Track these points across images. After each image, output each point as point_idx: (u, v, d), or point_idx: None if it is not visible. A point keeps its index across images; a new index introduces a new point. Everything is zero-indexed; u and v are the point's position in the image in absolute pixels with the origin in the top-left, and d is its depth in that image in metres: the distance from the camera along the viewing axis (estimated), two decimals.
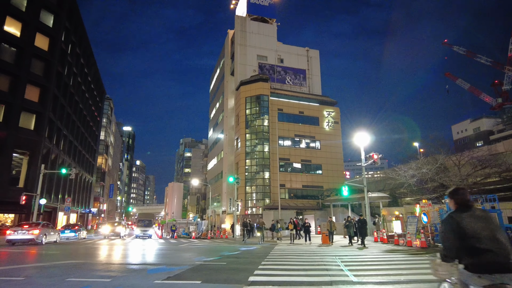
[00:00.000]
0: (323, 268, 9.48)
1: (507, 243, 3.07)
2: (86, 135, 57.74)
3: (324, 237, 20.44)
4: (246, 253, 14.23)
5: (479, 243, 3.03)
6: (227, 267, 9.67)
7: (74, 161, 50.61)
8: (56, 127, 40.45)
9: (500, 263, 2.96)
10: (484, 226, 3.11)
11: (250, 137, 45.61)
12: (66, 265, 9.88)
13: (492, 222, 3.19)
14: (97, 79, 64.61)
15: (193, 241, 26.21)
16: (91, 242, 23.32)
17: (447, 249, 3.31)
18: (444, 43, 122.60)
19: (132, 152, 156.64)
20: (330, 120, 49.05)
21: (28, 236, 18.94)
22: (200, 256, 12.77)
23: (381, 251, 14.91)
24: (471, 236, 3.07)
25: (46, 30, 38.07)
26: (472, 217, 3.18)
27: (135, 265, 10.28)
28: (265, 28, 53.74)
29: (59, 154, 42.16)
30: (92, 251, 15.44)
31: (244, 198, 43.46)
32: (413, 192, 27.99)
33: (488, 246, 3.00)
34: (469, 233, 3.09)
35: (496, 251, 2.98)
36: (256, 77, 47.35)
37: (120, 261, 11.42)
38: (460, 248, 3.14)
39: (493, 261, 2.96)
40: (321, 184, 45.87)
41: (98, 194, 78.60)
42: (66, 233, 28.27)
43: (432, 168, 25.49)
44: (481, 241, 3.04)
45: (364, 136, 24.28)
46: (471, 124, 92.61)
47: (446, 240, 3.30)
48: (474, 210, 3.26)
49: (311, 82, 53.75)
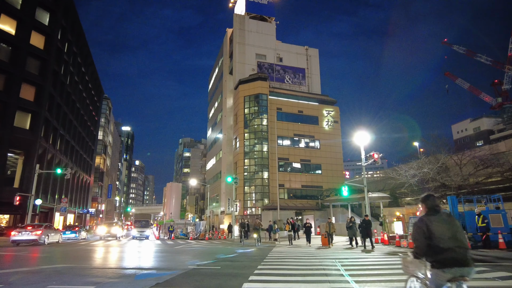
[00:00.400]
0: (322, 273, 8.99)
1: (466, 242, 3.70)
2: (84, 135, 57.22)
3: (323, 239, 19.56)
4: (242, 256, 13.75)
5: (443, 242, 3.60)
6: (221, 272, 9.19)
7: (71, 161, 50.10)
8: (53, 127, 39.95)
9: (459, 259, 3.55)
10: (448, 228, 3.69)
11: (249, 136, 45.12)
12: (52, 269, 9.40)
13: (455, 224, 3.78)
14: (94, 78, 64.08)
15: (190, 242, 25.71)
16: (85, 244, 22.83)
17: (418, 247, 3.85)
18: (444, 42, 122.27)
19: (131, 152, 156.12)
20: (329, 119, 48.57)
21: (31, 237, 20.07)
22: (194, 259, 12.28)
23: (383, 253, 14.40)
24: (437, 237, 3.64)
25: (41, 28, 37.58)
26: (439, 220, 3.76)
27: (124, 269, 9.80)
28: (264, 26, 53.26)
29: (56, 154, 41.65)
30: (84, 254, 14.95)
31: (242, 198, 42.97)
32: (414, 192, 27.51)
33: (450, 245, 3.58)
34: (436, 234, 3.65)
35: (456, 250, 3.57)
36: (255, 76, 46.87)
37: (109, 265, 10.92)
38: (427, 246, 3.69)
39: (453, 258, 3.54)
40: (320, 184, 45.40)
41: (96, 194, 78.11)
42: (67, 234, 29.48)
43: (433, 168, 25.02)
44: (444, 241, 3.60)
45: (364, 135, 23.77)
46: (471, 123, 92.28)
47: (416, 240, 3.85)
48: (441, 214, 3.84)
49: (310, 81, 53.27)
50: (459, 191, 25.57)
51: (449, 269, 3.53)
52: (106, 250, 16.92)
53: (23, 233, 20.11)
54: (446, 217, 3.83)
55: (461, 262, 3.56)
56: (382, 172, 60.28)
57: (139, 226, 31.06)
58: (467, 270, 3.56)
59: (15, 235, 20.14)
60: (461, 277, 3.54)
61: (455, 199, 16.72)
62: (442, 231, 3.66)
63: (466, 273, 3.56)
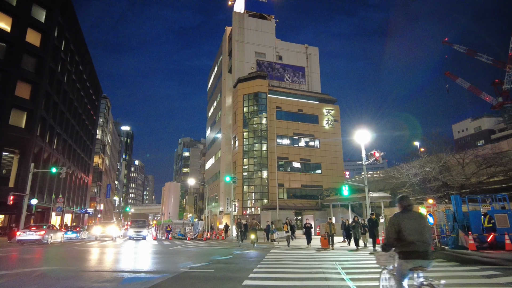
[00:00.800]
0: (322, 277, 8.46)
1: (429, 238, 4.21)
2: (82, 134, 56.68)
3: (322, 240, 18.53)
4: (238, 258, 13.20)
5: (409, 237, 4.12)
6: (214, 275, 8.65)
7: (69, 160, 49.56)
8: (49, 125, 39.41)
9: (421, 252, 4.06)
10: (416, 225, 4.20)
11: (247, 135, 44.57)
12: (34, 272, 8.87)
13: (422, 222, 4.32)
14: (93, 77, 63.54)
15: (187, 243, 25.19)
16: (80, 244, 22.30)
17: (387, 239, 4.43)
18: (445, 42, 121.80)
19: (130, 152, 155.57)
20: (329, 118, 48.03)
21: (35, 237, 21.58)
22: (187, 261, 11.75)
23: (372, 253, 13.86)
24: (405, 232, 4.16)
25: (37, 25, 37.05)
26: (409, 218, 4.29)
27: (111, 272, 9.26)
28: (263, 24, 52.70)
29: (52, 153, 41.12)
30: (73, 255, 14.40)
31: (241, 198, 42.44)
32: (416, 192, 26.94)
33: (414, 240, 4.09)
34: (404, 229, 4.18)
35: (419, 244, 4.08)
36: (254, 74, 46.32)
37: (97, 267, 10.38)
38: (396, 239, 4.28)
39: (415, 250, 4.07)
40: (320, 183, 44.86)
41: (95, 194, 77.53)
42: (69, 234, 31.34)
43: (435, 167, 24.46)
44: (410, 236, 4.13)
45: (364, 134, 23.25)
46: (472, 123, 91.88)
47: (388, 233, 4.42)
48: (412, 213, 4.39)
49: (310, 79, 52.73)
50: (462, 190, 25.05)
51: (411, 260, 4.17)
52: (98, 252, 16.38)
53: (27, 233, 21.59)
54: (416, 216, 4.42)
55: (422, 255, 4.14)
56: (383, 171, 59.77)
57: (136, 226, 30.07)
58: (427, 262, 4.17)
59: (20, 235, 21.64)
60: (421, 267, 4.17)
61: (459, 198, 16.15)
62: (410, 227, 4.23)
63: (426, 264, 4.16)
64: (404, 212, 4.43)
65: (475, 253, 12.64)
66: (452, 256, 12.35)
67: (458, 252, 13.15)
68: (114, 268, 10.10)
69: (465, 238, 14.12)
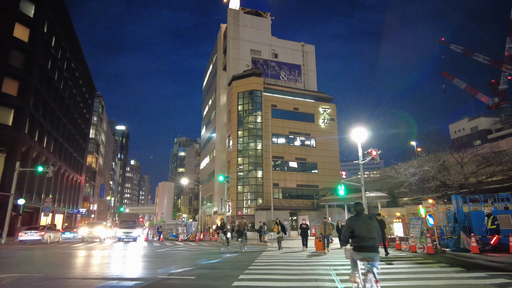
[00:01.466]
0: (314, 285, 7.62)
1: (376, 236, 5.38)
2: (74, 133, 55.53)
3: (317, 242, 16.64)
4: (226, 262, 12.31)
5: (360, 234, 5.36)
6: (193, 284, 7.77)
7: (60, 160, 48.46)
8: (38, 123, 38.36)
9: (369, 246, 5.29)
10: (365, 226, 5.40)
11: (242, 134, 43.69)
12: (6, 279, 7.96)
13: (370, 223, 5.46)
14: (86, 75, 62.40)
15: (177, 244, 24.30)
16: (65, 246, 21.31)
17: (344, 237, 5.67)
18: (442, 41, 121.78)
19: (126, 152, 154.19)
20: (326, 117, 47.25)
21: (35, 237, 23.41)
22: (170, 266, 10.86)
23: (383, 258, 12.97)
24: (357, 231, 5.39)
25: (26, 20, 36.00)
26: (360, 220, 5.50)
27: (82, 279, 8.36)
28: (259, 21, 51.86)
29: (42, 151, 40.05)
30: (50, 259, 13.46)
31: (235, 198, 41.56)
32: (414, 192, 26.22)
33: (364, 236, 5.33)
34: (356, 229, 5.41)
35: (368, 240, 5.31)
36: (249, 72, 45.44)
37: (68, 274, 9.46)
38: (351, 237, 5.50)
39: (365, 245, 5.31)
40: (316, 183, 44.07)
41: (88, 194, 76.29)
42: (67, 234, 33.01)
43: (434, 166, 23.73)
44: (361, 234, 5.35)
45: (361, 132, 22.49)
46: (469, 123, 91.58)
47: (345, 232, 5.63)
48: (363, 216, 5.59)
49: (306, 78, 51.94)
50: (460, 190, 24.36)
51: (361, 252, 5.26)
52: (77, 255, 15.42)
53: (28, 234, 23.55)
54: (366, 219, 5.53)
55: (369, 249, 5.25)
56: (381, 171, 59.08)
57: (125, 227, 28.50)
58: (373, 254, 5.22)
59: (22, 235, 23.57)
60: (369, 258, 5.18)
61: (460, 198, 15.40)
62: (361, 227, 5.35)
63: (372, 256, 5.20)
64: (357, 216, 5.61)
65: (479, 257, 11.87)
66: (455, 260, 11.56)
67: (461, 256, 12.37)
68: (86, 274, 9.19)
69: (467, 240, 13.36)
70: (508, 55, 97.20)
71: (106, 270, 10.02)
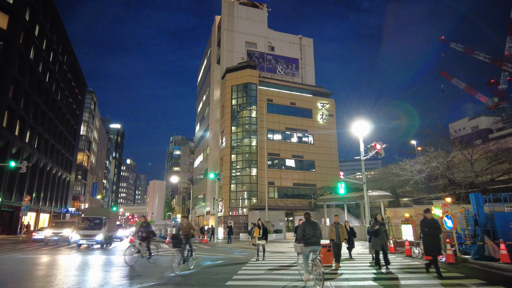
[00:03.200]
0: None
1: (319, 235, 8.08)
2: (62, 129, 53.18)
3: (325, 253, 10.81)
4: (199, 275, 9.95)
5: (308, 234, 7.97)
6: None
7: (46, 156, 46.15)
8: (19, 116, 36.05)
9: (314, 242, 7.90)
10: (312, 228, 8.05)
11: (236, 130, 41.42)
12: None
13: (315, 227, 8.16)
14: (75, 69, 60.04)
15: (163, 247, 22.05)
16: (19, 250, 18.94)
17: (298, 236, 8.39)
18: (441, 40, 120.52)
19: (121, 150, 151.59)
20: (324, 112, 45.08)
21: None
22: (131, 280, 8.65)
23: (395, 268, 10.59)
24: (307, 232, 7.99)
25: (4, 6, 33.76)
26: (308, 224, 8.14)
27: None
28: (254, 13, 49.59)
29: (24, 147, 37.74)
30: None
31: (228, 197, 39.34)
32: (420, 191, 24.09)
33: (311, 236, 7.94)
34: (306, 230, 8.02)
35: (313, 238, 7.90)
36: (243, 64, 43.16)
37: None
38: (302, 236, 8.01)
39: (312, 241, 7.89)
40: (314, 182, 41.90)
41: (79, 192, 73.88)
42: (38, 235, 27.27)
43: (443, 162, 21.61)
44: (309, 233, 7.97)
45: (363, 125, 20.34)
46: (469, 122, 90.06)
47: (299, 233, 8.19)
48: (311, 222, 8.27)
49: (304, 72, 49.75)
50: (470, 189, 22.29)
51: (309, 246, 7.95)
52: (26, 262, 13.15)
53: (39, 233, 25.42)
54: (313, 223, 8.28)
55: (314, 243, 7.97)
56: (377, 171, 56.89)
57: (85, 227, 20.44)
58: (317, 247, 8.01)
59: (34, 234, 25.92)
60: (314, 250, 7.96)
61: (480, 197, 13.27)
62: (310, 229, 8.07)
63: (316, 248, 8.00)
64: (307, 221, 8.32)
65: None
66: (487, 274, 9.28)
67: (490, 267, 10.17)
68: None
69: (493, 246, 11.17)
70: (508, 54, 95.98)
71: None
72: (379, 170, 56.42)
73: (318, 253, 7.93)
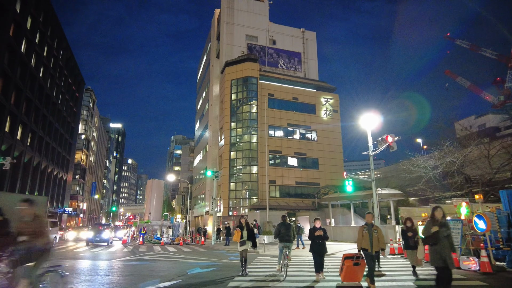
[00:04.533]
0: None
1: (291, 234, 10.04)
2: (58, 127, 51.57)
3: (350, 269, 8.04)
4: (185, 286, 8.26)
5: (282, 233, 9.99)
6: None
7: (40, 154, 44.55)
8: (9, 111, 34.44)
9: (287, 239, 9.94)
10: (286, 228, 10.04)
11: (235, 126, 39.63)
12: None
13: (288, 227, 10.10)
14: (72, 65, 58.45)
15: (155, 249, 20.36)
16: None
17: (275, 233, 10.27)
18: (446, 37, 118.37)
19: (122, 150, 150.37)
20: (328, 108, 43.22)
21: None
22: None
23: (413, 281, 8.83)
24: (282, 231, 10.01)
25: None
26: (283, 225, 10.15)
27: None
28: (255, 5, 47.78)
29: (15, 144, 36.11)
30: None
31: (228, 196, 37.58)
32: (433, 189, 22.22)
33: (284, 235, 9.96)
34: (281, 230, 10.04)
35: (286, 236, 9.95)
36: (243, 57, 41.36)
37: None
38: (278, 234, 10.07)
39: (285, 239, 9.92)
40: (317, 180, 40.05)
41: (77, 192, 72.38)
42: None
43: (460, 157, 19.74)
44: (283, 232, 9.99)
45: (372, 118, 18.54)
46: (476, 120, 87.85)
47: (275, 231, 10.22)
48: (286, 223, 10.25)
49: (306, 66, 47.93)
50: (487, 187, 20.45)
51: (283, 242, 9.83)
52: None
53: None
54: (287, 224, 10.18)
55: (287, 240, 9.86)
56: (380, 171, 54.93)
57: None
58: (288, 244, 9.85)
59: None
60: (286, 246, 9.78)
61: (511, 194, 11.44)
62: (284, 229, 9.93)
63: (288, 244, 9.83)
64: (283, 222, 10.24)
65: None
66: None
67: None
68: None
69: None
70: None
71: None
72: (381, 170, 54.60)
73: (289, 248, 9.83)
